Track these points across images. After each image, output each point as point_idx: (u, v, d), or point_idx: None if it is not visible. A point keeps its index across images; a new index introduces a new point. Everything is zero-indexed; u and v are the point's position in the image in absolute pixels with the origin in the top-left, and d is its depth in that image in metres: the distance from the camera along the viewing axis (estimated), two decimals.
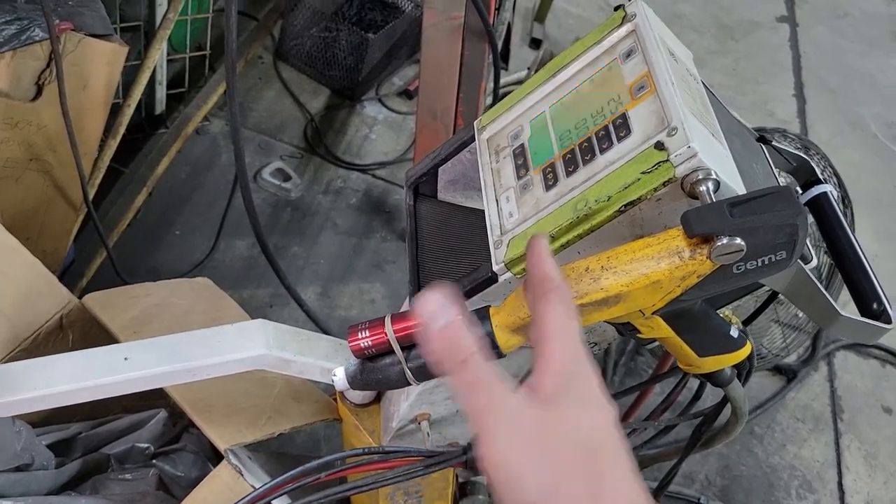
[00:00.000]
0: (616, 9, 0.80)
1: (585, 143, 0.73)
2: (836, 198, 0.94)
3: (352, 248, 2.13)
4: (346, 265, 2.09)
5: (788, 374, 2.09)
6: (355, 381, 0.73)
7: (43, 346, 1.16)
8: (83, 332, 1.21)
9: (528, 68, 2.62)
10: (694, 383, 1.03)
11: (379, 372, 0.71)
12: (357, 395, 1.07)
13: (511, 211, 0.77)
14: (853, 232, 0.92)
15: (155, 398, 1.15)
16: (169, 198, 2.09)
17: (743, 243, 0.59)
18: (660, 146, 0.66)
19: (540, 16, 2.96)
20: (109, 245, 1.66)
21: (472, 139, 0.88)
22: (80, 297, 1.20)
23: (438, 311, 0.48)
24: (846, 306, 0.85)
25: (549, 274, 0.53)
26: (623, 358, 2.01)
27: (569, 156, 0.74)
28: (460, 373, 0.48)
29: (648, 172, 0.66)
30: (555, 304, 0.51)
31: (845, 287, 0.88)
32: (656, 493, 1.22)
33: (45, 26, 1.29)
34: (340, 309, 2.00)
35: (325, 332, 1.85)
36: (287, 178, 2.22)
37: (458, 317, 0.49)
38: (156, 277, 1.91)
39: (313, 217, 2.18)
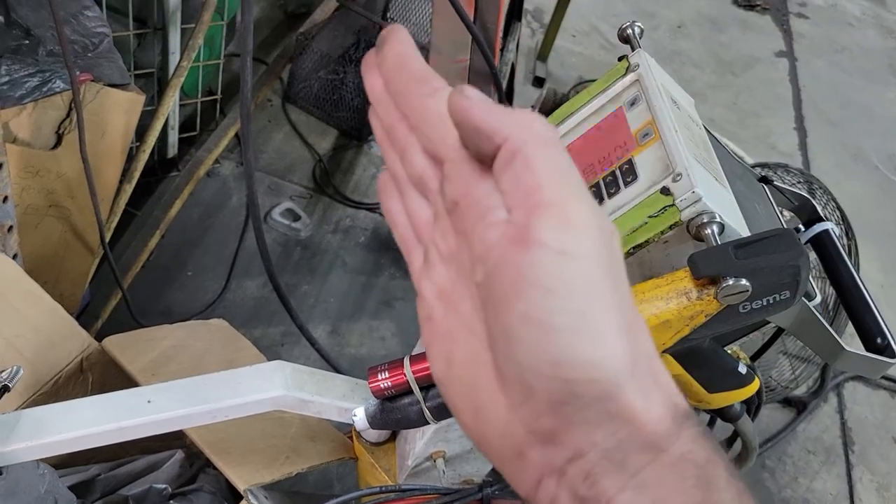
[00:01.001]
0: (620, 59, 0.83)
1: (593, 188, 0.76)
2: (837, 234, 0.97)
3: (361, 287, 2.16)
4: (355, 303, 2.11)
5: (798, 406, 2.10)
6: (375, 421, 0.75)
7: (63, 389, 1.19)
8: (102, 375, 1.23)
9: (532, 106, 2.67)
10: (703, 419, 1.04)
11: (398, 412, 0.73)
12: (373, 434, 1.09)
13: None
14: (858, 264, 0.94)
15: (171, 438, 1.17)
16: (181, 239, 2.12)
17: (748, 284, 0.62)
18: (665, 191, 0.69)
19: (542, 55, 3.02)
20: (124, 286, 1.69)
21: None
22: (96, 339, 1.22)
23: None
24: (853, 338, 0.87)
25: (425, 71, 0.39)
26: None
27: None
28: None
29: (655, 216, 0.69)
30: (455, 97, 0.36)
31: (849, 320, 0.91)
32: None
33: (66, 77, 1.33)
34: (351, 347, 2.01)
35: (337, 370, 1.87)
36: (296, 218, 2.25)
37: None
38: (169, 318, 1.94)
39: (323, 256, 2.20)
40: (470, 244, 0.35)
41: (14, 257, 1.27)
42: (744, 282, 0.62)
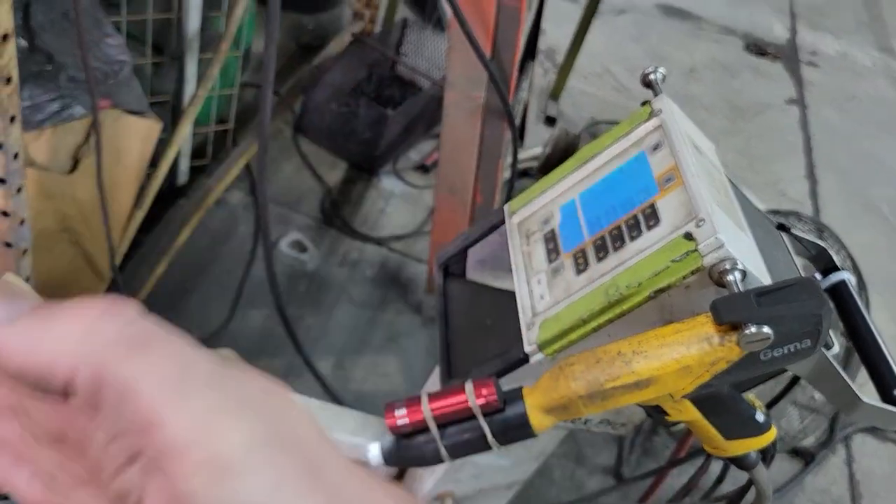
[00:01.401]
0: (643, 104, 0.84)
1: (615, 231, 0.76)
2: (853, 285, 0.97)
3: (366, 321, 2.15)
4: (360, 337, 2.10)
5: (806, 457, 2.07)
6: (390, 458, 0.74)
7: None
8: None
9: (544, 145, 2.69)
10: (715, 467, 1.03)
11: (414, 449, 0.72)
12: (381, 473, 1.07)
13: (542, 293, 0.79)
14: (869, 314, 0.94)
15: None
16: (188, 267, 2.12)
17: (770, 331, 0.61)
18: (688, 236, 0.69)
19: (555, 94, 3.04)
20: None
21: (502, 222, 0.91)
22: None
23: None
24: (864, 386, 0.86)
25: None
26: (640, 437, 1.99)
27: (599, 242, 0.77)
28: None
29: (678, 261, 0.69)
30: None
31: (863, 367, 0.90)
32: None
33: (86, 103, 1.35)
34: (354, 382, 2.00)
35: (341, 404, 1.86)
36: (304, 249, 2.25)
37: None
38: None
39: (329, 289, 2.20)
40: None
41: (27, 280, 1.26)
42: (766, 329, 0.61)
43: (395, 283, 2.27)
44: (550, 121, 2.98)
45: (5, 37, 0.97)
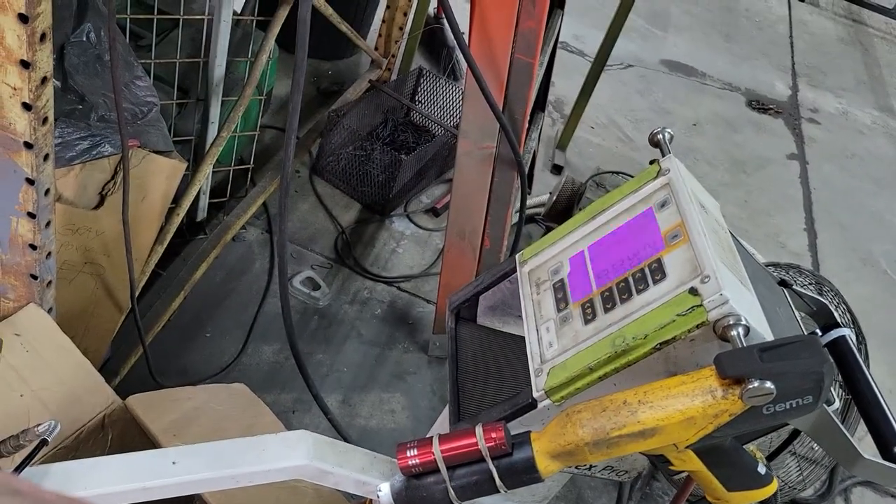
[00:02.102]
0: (651, 163, 0.88)
1: (622, 283, 0.80)
2: (853, 340, 1.00)
3: (374, 358, 2.18)
4: (368, 374, 2.13)
5: None
6: (400, 498, 0.77)
7: (84, 445, 1.20)
8: (122, 432, 1.25)
9: (550, 192, 2.74)
10: None
11: (423, 490, 0.75)
12: None
13: (551, 341, 0.83)
14: (869, 369, 0.97)
15: (183, 501, 1.18)
16: (203, 301, 2.16)
17: (773, 387, 0.65)
18: (694, 292, 0.73)
19: (562, 144, 3.11)
20: (146, 345, 1.72)
21: (514, 271, 0.95)
22: (123, 398, 1.25)
23: None
24: (863, 439, 0.89)
25: None
26: (639, 482, 2.00)
27: (607, 293, 0.81)
28: None
29: (683, 315, 0.72)
30: None
31: (863, 421, 0.93)
32: None
33: (115, 142, 1.40)
34: (361, 418, 2.02)
35: (346, 440, 1.88)
36: (316, 287, 2.29)
37: None
38: (186, 377, 1.95)
39: (339, 326, 2.23)
40: None
41: (49, 311, 1.30)
42: (769, 384, 0.65)
43: (403, 322, 2.30)
44: (557, 169, 3.04)
45: (44, 79, 1.02)
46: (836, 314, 1.00)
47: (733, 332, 0.70)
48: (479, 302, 1.01)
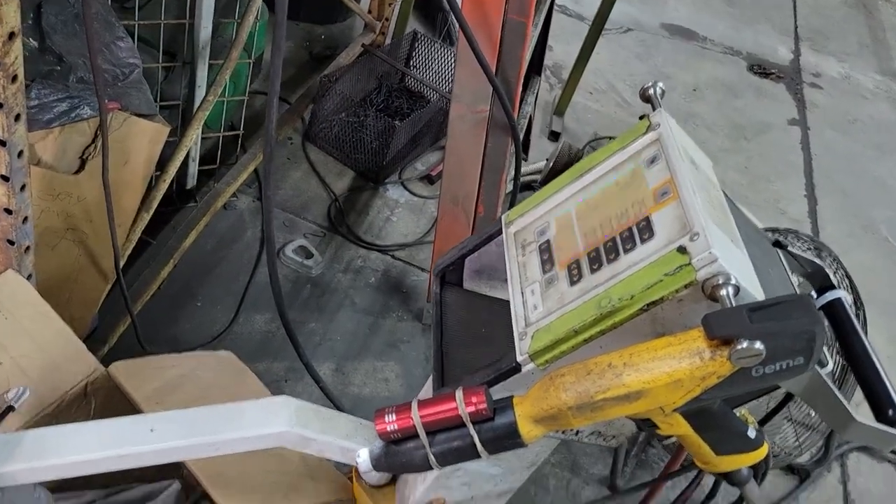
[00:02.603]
0: (641, 118, 0.85)
1: (610, 243, 0.77)
2: (849, 303, 0.97)
3: (368, 327, 2.16)
4: (361, 343, 2.11)
5: (801, 474, 2.07)
6: (379, 464, 0.75)
7: (66, 412, 1.18)
8: (105, 400, 1.23)
9: (547, 159, 2.70)
10: (707, 481, 1.03)
11: (403, 455, 0.73)
12: (373, 477, 1.08)
13: (536, 304, 0.80)
14: (866, 334, 0.94)
15: (169, 469, 1.16)
16: (193, 269, 2.13)
17: (762, 348, 0.62)
18: (682, 250, 0.70)
19: (559, 110, 3.06)
20: (134, 313, 1.70)
21: (500, 232, 0.92)
22: (102, 364, 1.22)
23: None
24: (860, 405, 0.86)
25: None
26: (635, 449, 1.99)
27: (593, 254, 0.78)
28: None
29: (671, 275, 0.70)
30: None
31: (859, 386, 0.90)
32: None
33: (94, 104, 1.36)
34: (354, 386, 2.01)
35: (339, 409, 1.86)
36: (309, 255, 2.26)
37: None
38: (175, 346, 1.93)
39: (332, 294, 2.21)
40: None
41: (28, 277, 1.28)
42: (758, 345, 0.62)
43: (397, 291, 2.28)
44: (555, 135, 3.00)
45: (11, 35, 0.98)
46: (832, 276, 0.97)
47: (722, 292, 0.67)
48: (465, 266, 0.98)
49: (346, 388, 1.99)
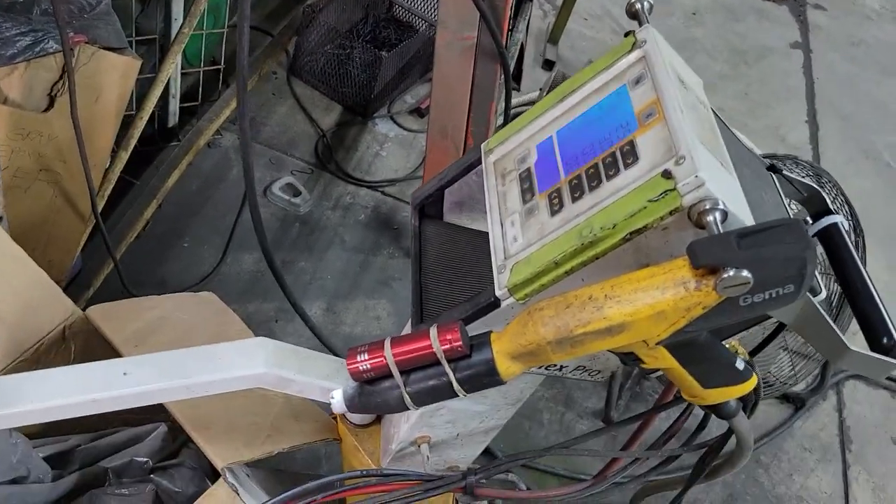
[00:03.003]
0: (626, 34, 0.79)
1: (592, 169, 0.73)
2: (847, 228, 0.93)
3: (359, 265, 2.13)
4: (352, 281, 2.09)
5: (796, 403, 2.07)
6: (353, 404, 0.72)
7: (45, 357, 1.16)
8: (85, 344, 1.20)
9: (541, 89, 2.62)
10: (699, 411, 1.01)
11: (377, 395, 0.70)
12: (357, 416, 1.06)
13: (516, 235, 0.76)
14: (865, 262, 0.91)
15: (155, 412, 1.14)
16: (179, 210, 2.09)
17: (750, 276, 0.58)
18: (667, 175, 0.66)
19: (553, 38, 2.96)
20: (117, 256, 1.66)
21: (479, 162, 0.87)
22: (85, 309, 1.20)
23: None
24: (855, 336, 0.83)
25: None
26: (629, 382, 1.99)
27: (575, 181, 0.74)
28: None
29: (655, 201, 0.65)
30: None
31: (855, 318, 0.87)
32: None
33: (59, 38, 1.30)
34: (345, 325, 1.99)
35: (330, 348, 1.85)
36: (297, 193, 2.22)
37: None
38: (163, 289, 1.91)
39: (321, 232, 2.17)
40: None
41: None
42: (745, 273, 0.58)
43: (387, 228, 2.24)
44: (549, 64, 2.91)
45: None
46: (828, 200, 0.93)
47: (709, 218, 0.62)
48: (445, 197, 0.94)
49: (337, 327, 1.98)
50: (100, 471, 1.14)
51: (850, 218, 1.70)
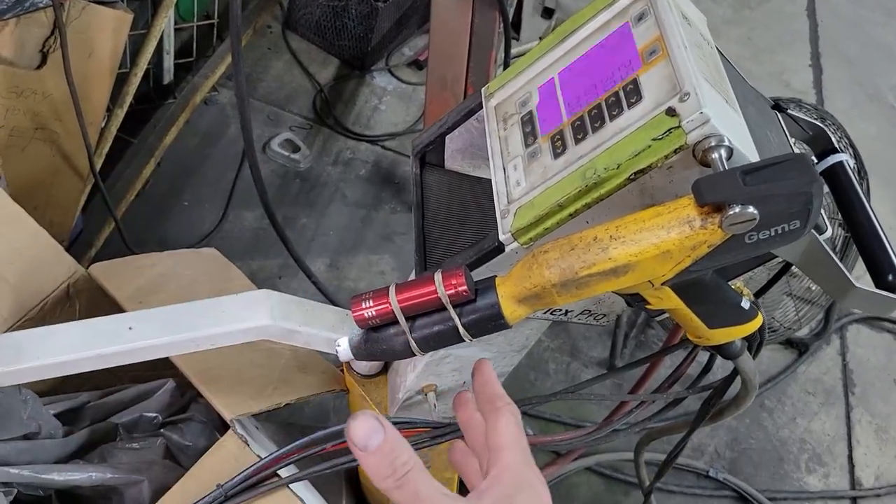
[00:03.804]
0: None
1: (595, 110, 0.71)
2: (852, 167, 0.92)
3: (361, 220, 2.12)
4: (355, 237, 2.08)
5: (800, 348, 2.08)
6: (359, 352, 0.72)
7: (50, 316, 1.16)
8: (90, 302, 1.21)
9: (540, 38, 2.58)
10: (703, 356, 1.01)
11: (383, 342, 0.70)
12: (363, 366, 1.07)
13: (518, 179, 0.75)
14: (869, 201, 0.90)
15: (164, 368, 1.15)
16: (178, 168, 2.08)
17: (756, 212, 0.58)
18: (671, 112, 0.64)
19: None
20: (118, 215, 1.66)
21: (480, 107, 0.86)
22: (88, 268, 1.19)
23: (371, 432, 0.47)
24: (860, 279, 0.83)
25: (499, 392, 0.59)
26: (634, 330, 2.00)
27: (578, 123, 0.72)
28: (401, 488, 0.48)
29: (659, 139, 0.64)
30: (508, 417, 0.56)
31: (860, 260, 0.87)
32: (665, 464, 1.21)
33: None
34: (349, 280, 1.99)
35: (334, 303, 1.85)
36: (296, 149, 2.20)
37: (393, 434, 0.49)
38: (164, 248, 1.90)
39: (322, 188, 2.16)
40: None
41: None
42: (751, 209, 0.57)
43: (388, 182, 2.23)
44: (548, 12, 2.86)
45: None
46: (833, 139, 0.92)
47: (714, 155, 0.62)
48: (446, 144, 0.93)
49: (341, 282, 1.98)
50: (110, 427, 1.15)
51: (854, 160, 1.68)
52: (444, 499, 0.48)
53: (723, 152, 0.62)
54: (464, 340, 0.70)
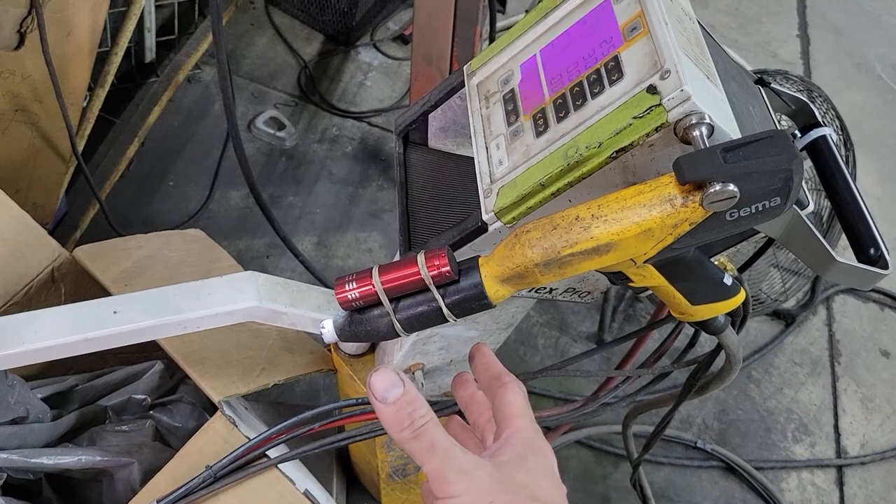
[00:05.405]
0: None
1: (577, 88, 0.71)
2: (835, 141, 0.92)
3: (348, 197, 2.12)
4: (342, 214, 2.08)
5: (787, 319, 2.09)
6: (344, 333, 0.72)
7: (35, 300, 1.16)
8: (75, 285, 1.20)
9: (526, 11, 2.56)
10: (690, 329, 1.02)
11: (367, 324, 0.70)
12: (351, 346, 1.07)
13: (501, 158, 0.75)
14: (855, 175, 0.90)
15: (152, 350, 1.15)
16: (162, 148, 2.06)
17: (736, 189, 0.58)
18: (652, 90, 0.64)
19: None
20: (102, 197, 1.65)
21: (462, 84, 0.85)
22: (73, 250, 1.19)
23: (391, 385, 0.51)
24: (846, 251, 0.83)
25: (503, 370, 0.62)
26: (622, 304, 2.01)
27: (559, 101, 0.72)
28: (417, 439, 0.50)
29: (640, 117, 0.64)
30: (515, 389, 0.59)
31: (843, 230, 0.87)
32: (653, 437, 1.22)
33: None
34: (337, 259, 1.99)
35: (322, 282, 1.85)
36: (281, 126, 2.19)
37: (411, 388, 0.52)
38: (150, 229, 1.90)
39: (308, 166, 2.15)
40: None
41: None
42: (731, 187, 0.57)
43: (375, 159, 2.22)
44: None
45: None
46: (817, 113, 0.92)
47: (695, 133, 0.62)
48: (429, 123, 0.92)
49: (329, 261, 1.98)
50: (99, 409, 1.16)
51: (839, 132, 1.68)
52: (459, 451, 0.50)
53: (704, 130, 0.62)
54: (448, 321, 0.70)
